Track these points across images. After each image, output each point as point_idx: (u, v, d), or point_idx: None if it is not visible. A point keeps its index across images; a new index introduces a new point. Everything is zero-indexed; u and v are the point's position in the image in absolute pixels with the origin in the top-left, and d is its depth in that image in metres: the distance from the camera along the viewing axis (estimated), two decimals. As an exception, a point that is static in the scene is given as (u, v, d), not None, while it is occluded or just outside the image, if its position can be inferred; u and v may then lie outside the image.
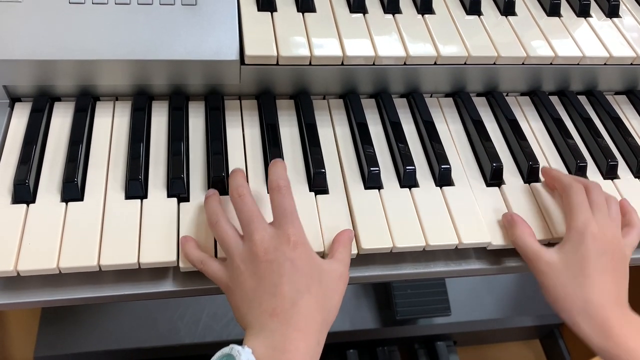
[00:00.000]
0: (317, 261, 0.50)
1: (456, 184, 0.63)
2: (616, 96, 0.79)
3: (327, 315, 0.49)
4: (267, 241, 0.48)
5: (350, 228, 0.57)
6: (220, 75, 0.63)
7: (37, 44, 0.59)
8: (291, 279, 0.47)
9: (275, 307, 0.46)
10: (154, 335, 1.13)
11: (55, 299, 0.53)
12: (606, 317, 0.52)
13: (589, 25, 0.75)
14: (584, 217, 0.55)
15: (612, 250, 0.54)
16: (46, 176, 0.57)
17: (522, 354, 1.41)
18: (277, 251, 0.48)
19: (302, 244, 0.49)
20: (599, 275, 0.53)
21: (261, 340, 0.45)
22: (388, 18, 0.69)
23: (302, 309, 0.46)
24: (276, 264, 0.47)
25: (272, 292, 0.47)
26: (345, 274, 0.52)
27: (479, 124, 0.69)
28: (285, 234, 0.49)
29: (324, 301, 0.49)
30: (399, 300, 1.19)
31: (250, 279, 0.48)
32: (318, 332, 0.47)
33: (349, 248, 0.54)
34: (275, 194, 0.51)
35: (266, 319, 0.46)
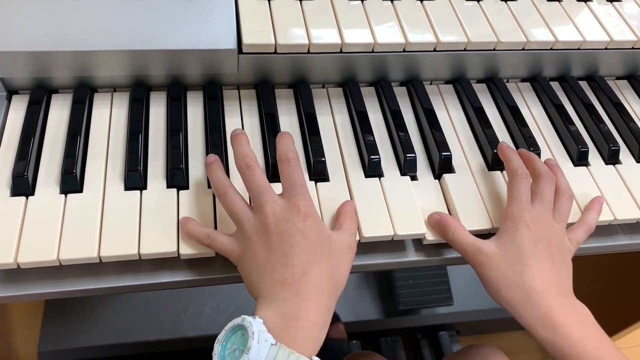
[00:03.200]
0: (327, 232, 0.50)
1: (457, 170, 0.63)
2: (617, 81, 0.78)
3: (336, 284, 0.49)
4: (278, 213, 0.49)
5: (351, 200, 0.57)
6: (218, 64, 0.63)
7: (34, 35, 0.58)
8: (302, 250, 0.47)
9: (287, 276, 0.46)
10: (158, 328, 1.14)
11: (56, 291, 0.53)
12: (549, 306, 0.51)
13: (589, 9, 0.74)
14: (519, 206, 0.55)
15: (546, 238, 0.54)
16: (45, 168, 0.57)
17: (524, 343, 1.41)
18: (288, 222, 0.48)
19: (312, 215, 0.49)
20: (537, 263, 0.52)
21: (272, 310, 0.46)
22: (387, 5, 0.68)
23: (313, 278, 0.47)
24: (287, 235, 0.48)
25: (283, 262, 0.47)
26: (353, 245, 0.52)
27: (479, 110, 0.68)
28: (295, 205, 0.49)
29: (334, 271, 0.49)
30: (401, 291, 1.19)
31: (262, 250, 0.48)
32: (327, 301, 0.48)
33: (354, 219, 0.55)
34: (284, 166, 0.51)
35: (277, 288, 0.46)
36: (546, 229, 0.54)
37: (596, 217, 0.60)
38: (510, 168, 0.58)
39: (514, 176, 0.57)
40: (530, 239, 0.53)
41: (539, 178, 0.58)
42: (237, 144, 0.53)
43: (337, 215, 0.55)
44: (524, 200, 0.55)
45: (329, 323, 0.48)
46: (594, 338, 0.50)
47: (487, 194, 0.61)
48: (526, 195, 0.56)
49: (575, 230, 0.58)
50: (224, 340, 0.44)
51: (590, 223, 0.59)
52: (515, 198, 0.55)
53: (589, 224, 0.59)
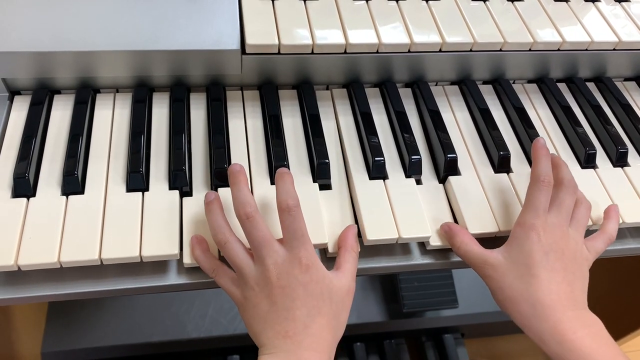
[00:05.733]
0: (327, 280, 0.50)
1: (463, 173, 0.62)
2: (625, 82, 0.77)
3: (336, 332, 0.50)
4: (280, 265, 0.49)
5: (353, 223, 0.56)
6: (221, 65, 0.63)
7: (36, 35, 0.58)
8: (304, 303, 0.48)
9: (288, 329, 0.48)
10: (161, 330, 1.14)
11: (57, 293, 0.52)
12: (558, 319, 0.50)
13: (597, 10, 0.73)
14: (533, 214, 0.53)
15: (559, 248, 0.52)
16: (46, 170, 0.57)
17: (530, 346, 1.40)
18: (290, 275, 0.48)
19: (314, 266, 0.49)
20: (547, 274, 0.51)
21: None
22: (392, 5, 0.68)
23: (314, 330, 0.48)
24: (289, 289, 0.48)
25: (284, 316, 0.48)
26: (352, 288, 0.52)
27: (485, 112, 0.68)
28: (297, 257, 0.49)
29: (334, 320, 0.50)
30: (405, 293, 1.18)
31: (264, 302, 0.49)
32: (329, 349, 0.49)
33: (355, 254, 0.54)
34: (285, 216, 0.49)
35: (280, 341, 0.48)
36: (560, 239, 0.53)
37: (616, 226, 0.58)
38: (535, 172, 0.55)
39: (536, 182, 0.54)
40: (541, 249, 0.52)
41: (561, 186, 0.56)
42: (236, 186, 0.51)
43: (338, 245, 0.54)
44: (540, 209, 0.53)
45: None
46: (606, 353, 0.49)
47: (492, 197, 0.60)
48: (544, 205, 0.54)
49: (595, 239, 0.57)
50: None
51: (611, 233, 0.58)
52: (531, 206, 0.54)
53: (609, 233, 0.57)
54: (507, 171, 0.63)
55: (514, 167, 0.64)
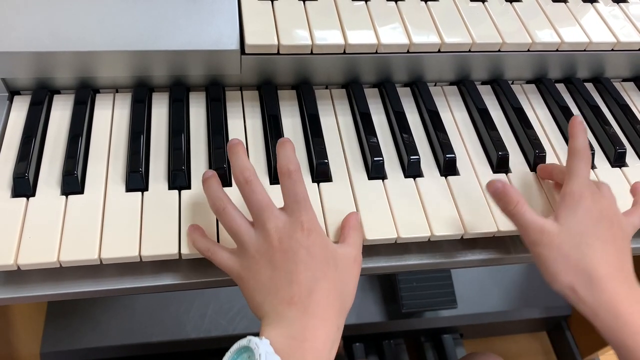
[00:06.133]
0: (331, 247, 0.49)
1: (461, 173, 0.62)
2: (624, 83, 0.78)
3: (344, 300, 0.48)
4: (281, 229, 0.47)
5: (356, 212, 0.56)
6: (220, 65, 0.63)
7: (35, 35, 0.58)
8: (307, 267, 0.46)
9: (293, 295, 0.45)
10: (160, 330, 1.13)
11: (57, 293, 0.52)
12: (615, 292, 0.48)
13: (595, 10, 0.73)
14: (579, 181, 0.52)
15: (608, 218, 0.52)
16: (46, 169, 0.57)
17: (529, 346, 1.40)
18: (292, 239, 0.47)
19: (316, 231, 0.48)
20: (600, 243, 0.50)
21: (279, 330, 0.44)
22: (391, 5, 0.68)
23: (320, 296, 0.46)
24: (291, 252, 0.46)
25: (288, 280, 0.46)
26: (359, 258, 0.51)
27: (484, 112, 0.68)
28: (298, 221, 0.47)
29: (341, 286, 0.48)
30: (404, 293, 1.18)
31: (265, 268, 0.47)
32: (336, 318, 0.47)
33: (359, 231, 0.53)
34: (286, 180, 0.49)
35: (284, 308, 0.45)
36: (609, 207, 0.52)
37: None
38: (574, 146, 0.55)
39: (575, 154, 0.54)
40: (593, 217, 0.51)
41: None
42: (235, 155, 0.50)
43: (341, 227, 0.54)
44: (584, 178, 0.53)
45: (339, 341, 0.46)
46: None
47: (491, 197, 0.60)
48: (586, 174, 0.53)
49: (631, 215, 0.55)
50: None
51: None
52: (575, 174, 0.53)
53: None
54: (506, 171, 0.63)
55: (512, 167, 0.64)
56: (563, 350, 1.36)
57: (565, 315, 1.33)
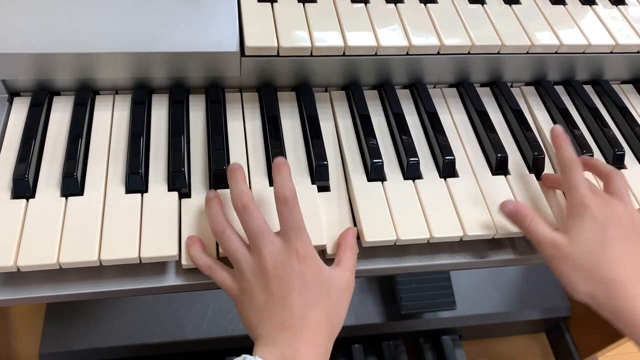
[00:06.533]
0: (325, 273, 0.50)
1: (461, 175, 0.62)
2: (622, 85, 0.78)
3: (334, 325, 0.50)
4: (277, 256, 0.49)
5: (352, 225, 0.56)
6: (220, 67, 0.63)
7: (35, 37, 0.58)
8: (300, 294, 0.48)
9: (285, 320, 0.47)
10: (159, 331, 1.13)
11: (56, 294, 0.52)
12: (633, 292, 0.49)
13: (594, 13, 0.74)
14: (579, 193, 0.54)
15: (616, 219, 0.53)
16: (46, 171, 0.57)
17: (528, 347, 1.40)
18: (286, 266, 0.48)
19: (311, 258, 0.49)
20: (612, 248, 0.51)
21: (272, 353, 0.46)
22: (390, 8, 0.68)
23: (311, 322, 0.48)
24: (285, 279, 0.48)
25: (281, 306, 0.47)
26: (352, 283, 0.52)
27: (483, 114, 0.68)
28: (293, 248, 0.49)
29: (332, 313, 0.50)
30: (403, 295, 1.18)
31: (260, 293, 0.48)
32: (326, 342, 0.49)
33: (354, 252, 0.54)
34: (282, 207, 0.50)
35: (276, 332, 0.47)
36: (613, 210, 0.53)
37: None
38: (562, 158, 0.58)
39: (565, 167, 0.57)
40: (600, 223, 0.52)
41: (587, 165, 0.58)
42: (234, 180, 0.52)
43: (338, 244, 0.55)
44: (582, 187, 0.54)
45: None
46: None
47: (490, 199, 0.60)
48: (584, 183, 0.55)
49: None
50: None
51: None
52: (573, 187, 0.55)
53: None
54: (505, 173, 0.63)
55: (511, 169, 0.64)
56: (562, 352, 1.36)
57: (565, 317, 1.33)
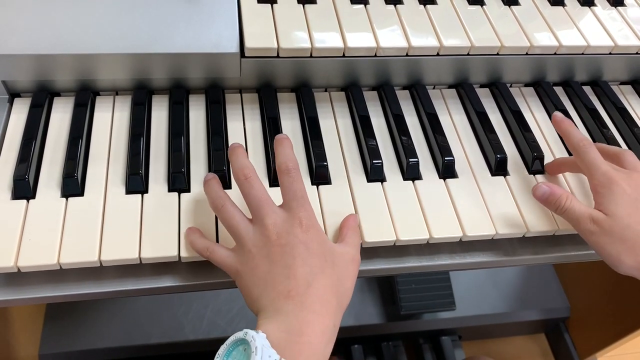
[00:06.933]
0: (329, 244, 0.50)
1: (460, 176, 0.62)
2: (621, 86, 0.78)
3: (341, 297, 0.48)
4: (279, 225, 0.48)
5: (354, 213, 0.57)
6: (220, 68, 0.63)
7: (36, 38, 0.58)
8: (305, 261, 0.46)
9: (290, 289, 0.45)
10: (159, 331, 1.14)
11: (57, 295, 0.52)
12: None
13: (593, 14, 0.74)
14: (600, 170, 0.54)
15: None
16: (46, 172, 0.57)
17: (527, 348, 1.40)
18: (290, 234, 0.47)
19: (314, 227, 0.49)
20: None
21: (275, 324, 0.44)
22: (389, 9, 0.68)
23: (317, 290, 0.46)
24: (289, 247, 0.47)
25: (286, 274, 0.46)
26: (357, 257, 0.51)
27: (482, 115, 0.68)
28: (296, 217, 0.48)
29: (338, 283, 0.48)
30: (403, 295, 1.18)
31: (263, 263, 0.47)
32: (333, 315, 0.46)
33: (358, 232, 0.54)
34: (284, 177, 0.49)
35: (281, 302, 0.45)
36: (638, 181, 0.54)
37: None
38: (573, 142, 0.58)
39: (580, 148, 0.57)
40: (630, 196, 0.52)
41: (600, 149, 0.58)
42: (234, 155, 0.52)
43: (340, 228, 0.55)
44: (602, 164, 0.55)
45: (335, 339, 0.46)
46: None
47: (490, 199, 0.60)
48: (601, 159, 0.55)
49: None
50: (225, 355, 0.43)
51: None
52: (592, 166, 0.55)
53: None
54: (504, 174, 0.63)
55: (511, 170, 0.64)
56: (561, 352, 1.36)
57: (564, 317, 1.33)
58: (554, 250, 0.61)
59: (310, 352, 0.43)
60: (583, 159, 0.56)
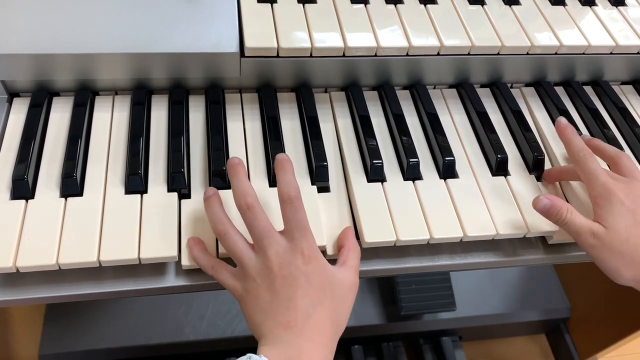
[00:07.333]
0: (329, 273, 0.50)
1: (460, 176, 0.62)
2: (622, 86, 0.78)
3: (338, 326, 0.50)
4: (282, 256, 0.48)
5: (352, 225, 0.56)
6: (220, 68, 0.63)
7: (35, 37, 0.58)
8: (305, 293, 0.48)
9: (290, 320, 0.47)
10: (159, 332, 1.13)
11: (55, 295, 0.52)
12: None
13: (594, 14, 0.74)
14: (600, 182, 0.54)
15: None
16: (45, 172, 0.57)
17: (528, 348, 1.40)
18: (292, 265, 0.48)
19: (315, 258, 0.49)
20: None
21: (275, 351, 0.46)
22: (390, 8, 0.68)
23: (316, 322, 0.48)
24: (291, 278, 0.48)
25: (286, 305, 0.47)
26: (356, 283, 0.52)
27: (483, 115, 0.68)
28: (298, 247, 0.49)
29: (336, 313, 0.50)
30: (403, 296, 1.18)
31: (265, 293, 0.48)
32: (330, 342, 0.49)
33: (357, 252, 0.54)
34: (287, 207, 0.50)
35: (281, 332, 0.47)
36: (637, 191, 0.54)
37: None
38: (573, 151, 0.58)
39: (580, 158, 0.57)
40: (629, 209, 0.52)
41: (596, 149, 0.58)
42: (235, 177, 0.52)
43: (339, 245, 0.55)
44: (602, 175, 0.55)
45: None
46: None
47: (490, 200, 0.60)
48: (601, 169, 0.55)
49: None
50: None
51: None
52: (592, 176, 0.55)
53: None
54: (505, 174, 0.63)
55: (511, 171, 0.64)
56: (562, 353, 1.36)
57: (564, 318, 1.33)
58: (554, 251, 0.61)
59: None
60: (583, 169, 0.56)
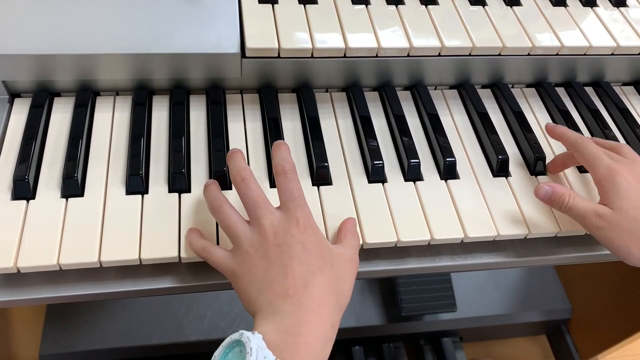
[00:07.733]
0: (327, 244, 0.49)
1: (461, 177, 0.62)
2: (623, 87, 0.78)
3: (339, 298, 0.48)
4: (276, 225, 0.47)
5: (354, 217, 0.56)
6: (221, 68, 0.63)
7: (36, 38, 0.58)
8: (302, 260, 0.46)
9: (288, 288, 0.45)
10: (159, 332, 1.13)
11: (56, 295, 0.52)
12: None
13: (595, 15, 0.74)
14: (603, 163, 0.54)
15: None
16: (46, 172, 0.57)
17: (529, 349, 1.40)
18: (287, 234, 0.47)
19: (311, 227, 0.48)
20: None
21: (273, 325, 0.43)
22: (391, 9, 0.68)
23: (315, 290, 0.45)
24: (286, 246, 0.46)
25: (283, 273, 0.45)
26: (355, 258, 0.51)
27: (484, 116, 0.68)
28: (293, 217, 0.48)
29: (336, 283, 0.48)
30: (404, 297, 1.18)
31: (260, 263, 0.46)
32: (332, 315, 0.46)
33: (356, 235, 0.54)
34: (281, 178, 0.50)
35: (278, 301, 0.44)
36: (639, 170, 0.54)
37: None
38: (570, 141, 0.59)
39: (578, 145, 0.57)
40: (634, 187, 0.52)
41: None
42: (232, 159, 0.52)
43: (338, 230, 0.54)
44: (604, 158, 0.55)
45: (334, 340, 0.46)
46: None
47: (491, 200, 0.60)
48: (601, 151, 0.55)
49: None
50: (221, 357, 0.42)
51: None
52: (595, 160, 0.55)
53: None
54: (506, 175, 0.63)
55: (512, 171, 0.64)
56: (563, 354, 1.36)
57: (565, 319, 1.33)
58: (555, 252, 0.61)
59: (308, 353, 0.43)
60: (584, 154, 0.57)
